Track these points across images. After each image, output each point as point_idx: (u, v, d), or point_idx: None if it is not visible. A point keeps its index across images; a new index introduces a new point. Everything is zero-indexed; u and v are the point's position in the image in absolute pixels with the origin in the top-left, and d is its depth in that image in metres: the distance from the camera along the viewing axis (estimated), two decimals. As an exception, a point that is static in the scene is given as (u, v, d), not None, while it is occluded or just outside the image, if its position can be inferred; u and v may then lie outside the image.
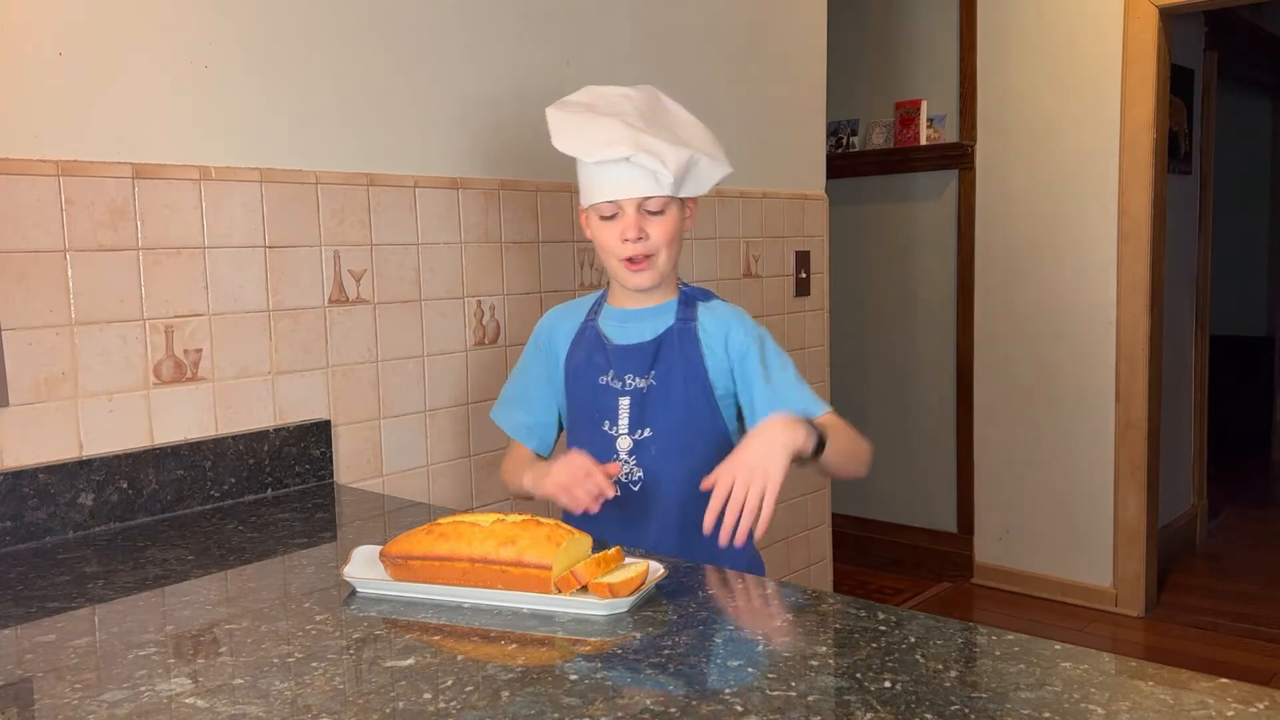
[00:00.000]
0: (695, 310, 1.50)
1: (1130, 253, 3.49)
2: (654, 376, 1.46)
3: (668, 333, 1.48)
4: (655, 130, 1.41)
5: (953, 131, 3.86)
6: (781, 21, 2.69)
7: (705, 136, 1.47)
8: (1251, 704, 0.80)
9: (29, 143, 1.39)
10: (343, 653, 0.97)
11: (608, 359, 1.49)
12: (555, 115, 1.44)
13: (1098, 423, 3.60)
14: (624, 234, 1.41)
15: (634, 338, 1.49)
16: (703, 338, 1.48)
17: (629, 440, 1.47)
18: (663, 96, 1.50)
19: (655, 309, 1.50)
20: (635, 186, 1.39)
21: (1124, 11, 3.42)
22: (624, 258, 1.43)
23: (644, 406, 1.46)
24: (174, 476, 1.52)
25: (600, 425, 1.49)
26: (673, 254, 1.46)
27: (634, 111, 1.43)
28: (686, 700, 0.85)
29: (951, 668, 0.91)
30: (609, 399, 1.48)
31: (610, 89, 1.48)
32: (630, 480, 1.47)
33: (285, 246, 1.66)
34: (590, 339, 1.52)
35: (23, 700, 0.90)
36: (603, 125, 1.39)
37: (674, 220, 1.44)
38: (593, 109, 1.44)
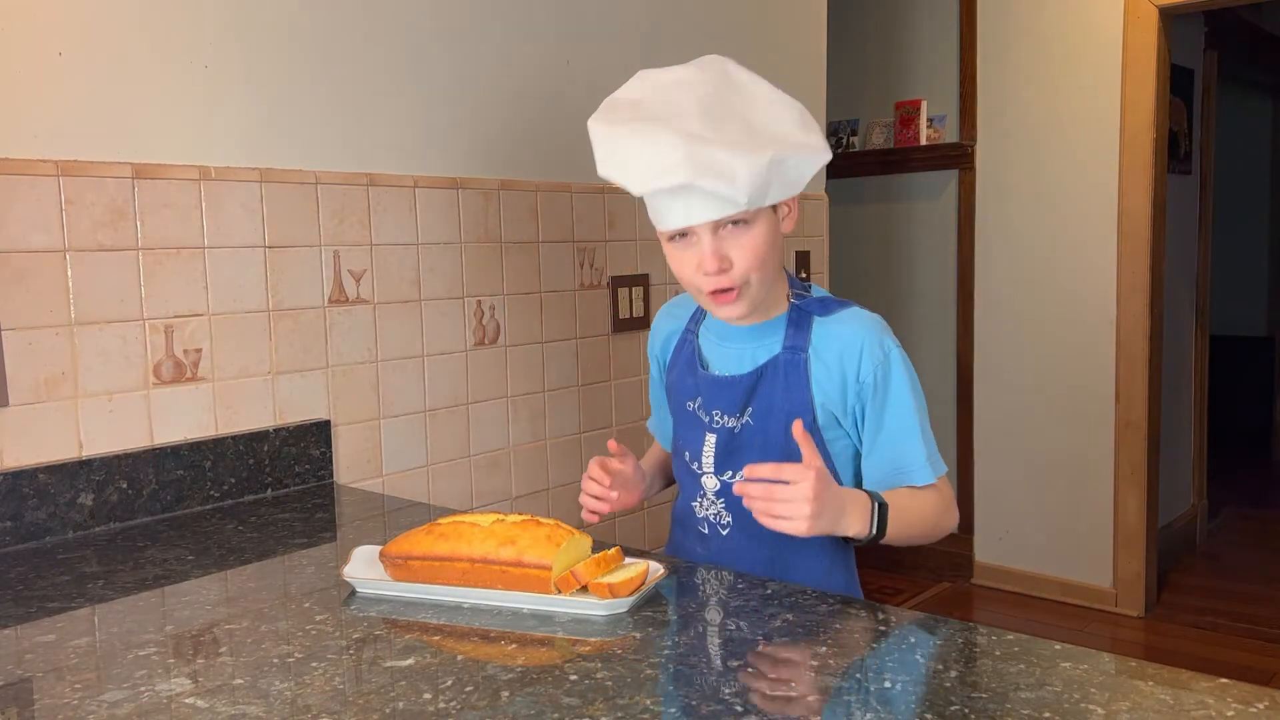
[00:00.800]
0: (809, 333, 1.24)
1: (1130, 253, 3.49)
2: (750, 415, 1.25)
3: (771, 364, 1.25)
4: (722, 129, 1.13)
5: (953, 131, 3.85)
6: (782, 22, 2.69)
7: (793, 118, 1.19)
8: (1251, 704, 0.80)
9: (29, 143, 1.39)
10: (343, 653, 0.97)
11: (697, 385, 1.29)
12: (598, 131, 1.17)
13: (1098, 423, 3.60)
14: (701, 266, 1.17)
15: (729, 367, 1.28)
16: (814, 371, 1.23)
17: (715, 480, 1.28)
18: (732, 70, 1.21)
19: (759, 328, 1.26)
20: (705, 210, 1.14)
21: (1124, 12, 3.42)
22: (706, 291, 1.19)
23: (732, 448, 1.26)
24: (174, 476, 1.52)
25: (685, 457, 1.31)
26: (767, 274, 1.20)
27: (695, 108, 1.14)
28: (686, 700, 0.85)
29: (951, 668, 0.91)
30: (695, 432, 1.29)
31: (667, 75, 1.19)
32: (719, 523, 1.30)
33: (285, 246, 1.66)
34: (688, 355, 1.33)
35: (23, 700, 0.90)
36: (653, 143, 1.12)
37: (764, 233, 1.18)
38: (642, 113, 1.15)
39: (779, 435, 1.23)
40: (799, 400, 1.23)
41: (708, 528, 1.31)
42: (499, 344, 2.00)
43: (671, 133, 1.11)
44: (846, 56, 4.01)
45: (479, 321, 1.97)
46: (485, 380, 1.98)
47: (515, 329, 2.03)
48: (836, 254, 3.56)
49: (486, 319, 1.98)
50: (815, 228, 2.80)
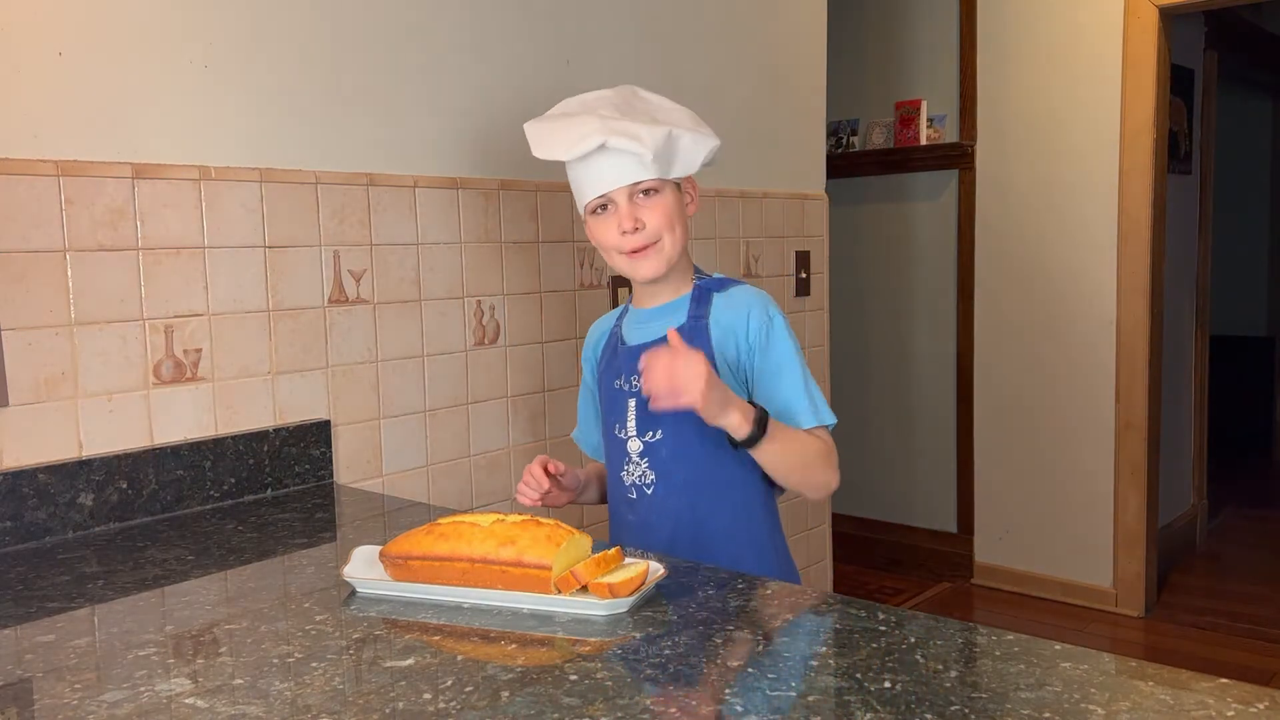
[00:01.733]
0: (709, 305, 1.44)
1: (1130, 253, 3.49)
2: None
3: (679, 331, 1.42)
4: (629, 115, 1.39)
5: (953, 131, 3.86)
6: (781, 21, 2.69)
7: (685, 115, 1.44)
8: (1251, 704, 0.80)
9: (29, 143, 1.39)
10: (343, 653, 0.97)
11: (620, 362, 1.47)
12: (532, 127, 1.44)
13: (1098, 423, 3.60)
14: (620, 226, 1.38)
15: (645, 337, 1.46)
16: (714, 334, 1.42)
17: (639, 443, 1.43)
18: (640, 91, 1.48)
19: (667, 306, 1.46)
20: (619, 175, 1.36)
21: (1124, 11, 3.42)
22: (625, 251, 1.40)
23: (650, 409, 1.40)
24: (174, 476, 1.52)
25: (613, 429, 1.46)
26: (677, 238, 1.41)
27: (608, 106, 1.41)
28: (686, 700, 0.85)
29: (951, 668, 0.91)
30: (620, 401, 1.45)
31: (584, 95, 1.48)
32: (644, 484, 1.44)
33: (285, 246, 1.66)
34: (612, 344, 1.51)
35: (23, 700, 0.90)
36: (575, 124, 1.38)
37: (670, 201, 1.40)
38: (567, 114, 1.43)
39: None
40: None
41: (635, 492, 1.45)
42: (499, 344, 2.00)
43: (590, 116, 1.39)
44: (846, 56, 4.01)
45: (479, 321, 1.97)
46: (485, 380, 1.98)
47: (515, 329, 2.03)
48: (836, 254, 3.56)
49: (486, 319, 1.98)
50: (815, 228, 2.80)
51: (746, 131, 2.58)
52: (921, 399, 4.06)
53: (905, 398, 4.11)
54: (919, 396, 4.07)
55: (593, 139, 1.34)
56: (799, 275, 2.74)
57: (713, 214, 2.46)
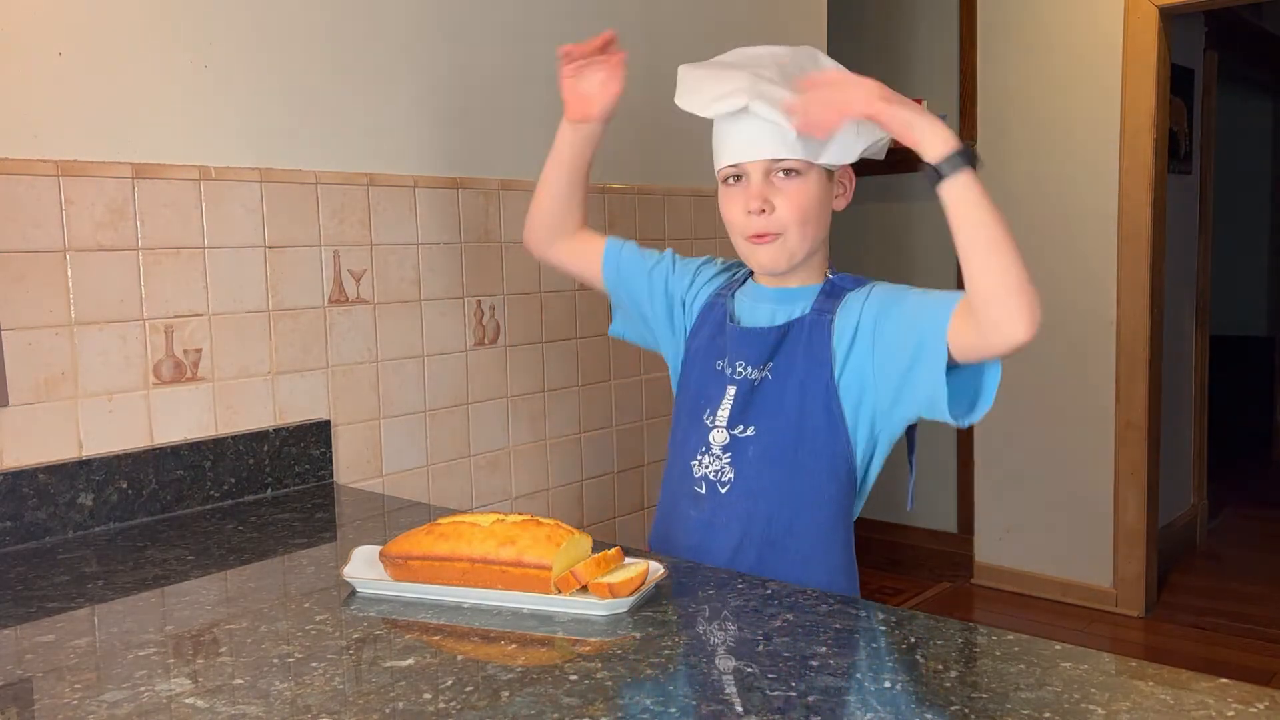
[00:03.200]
0: (839, 302, 1.26)
1: (1130, 253, 3.49)
2: (770, 370, 1.26)
3: (798, 323, 1.26)
4: (791, 83, 1.19)
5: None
6: (781, 22, 2.69)
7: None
8: (1251, 704, 0.80)
9: (29, 143, 1.39)
10: (343, 653, 0.97)
11: (725, 341, 1.31)
12: (685, 71, 1.27)
13: (1098, 423, 3.60)
14: (747, 205, 1.21)
15: (759, 320, 1.29)
16: (836, 331, 1.24)
17: (725, 434, 1.27)
18: (822, 56, 1.30)
19: (793, 291, 1.29)
20: (757, 146, 1.19)
21: (1124, 11, 3.42)
22: (748, 235, 1.23)
23: (750, 401, 1.26)
24: (174, 476, 1.52)
25: (702, 414, 1.30)
26: (809, 234, 1.23)
27: (774, 66, 1.22)
28: (686, 700, 0.85)
29: (951, 668, 0.91)
30: (717, 386, 1.29)
31: (761, 48, 1.29)
32: (719, 480, 1.28)
33: (285, 246, 1.66)
34: (717, 317, 1.34)
35: (23, 700, 0.90)
36: (726, 77, 1.20)
37: (811, 190, 1.22)
38: (726, 64, 1.26)
39: (795, 394, 1.24)
40: (819, 360, 1.24)
41: (705, 486, 1.29)
42: (499, 344, 2.00)
43: (743, 72, 1.21)
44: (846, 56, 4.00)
45: (479, 321, 1.97)
46: (485, 380, 1.98)
47: (515, 329, 2.03)
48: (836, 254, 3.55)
49: (486, 319, 1.98)
50: (815, 228, 2.80)
51: (746, 131, 2.58)
52: (921, 399, 4.05)
53: (905, 398, 4.10)
54: (919, 396, 4.06)
55: (736, 99, 1.17)
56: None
57: (713, 214, 2.46)
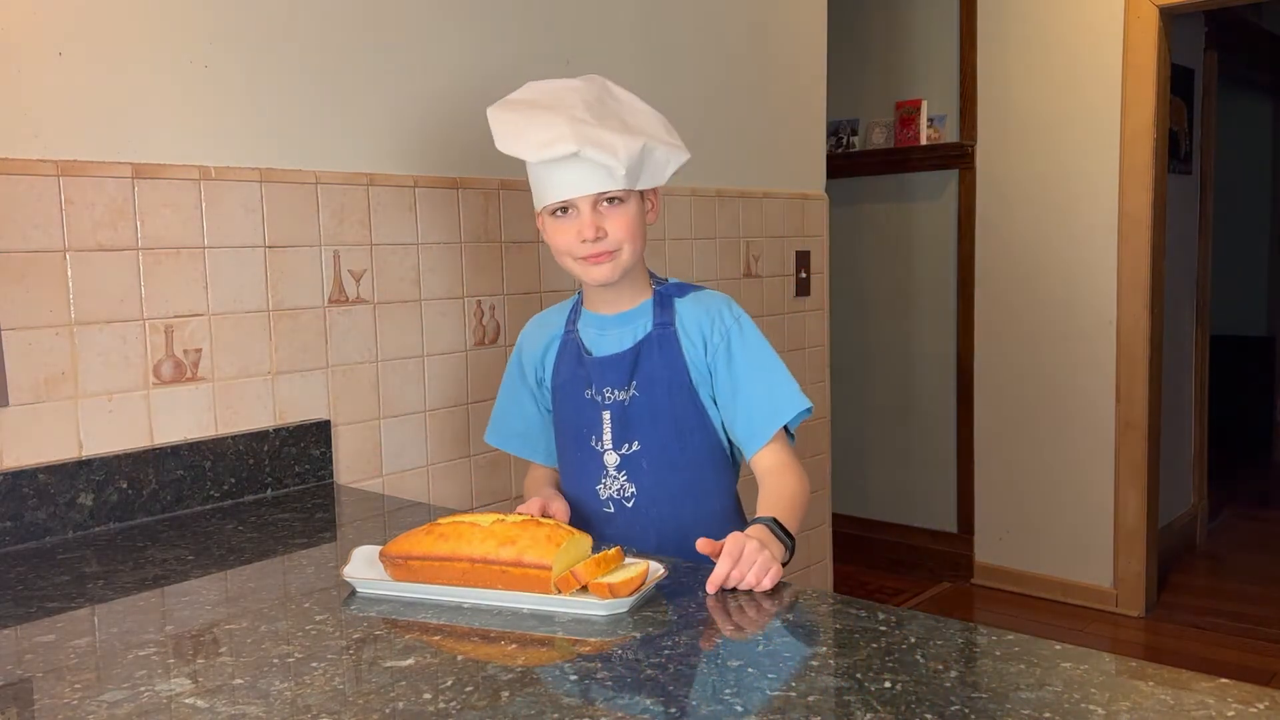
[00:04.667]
0: (673, 311, 1.42)
1: (1130, 253, 3.49)
2: (635, 388, 1.40)
3: (646, 340, 1.41)
4: (603, 121, 1.33)
5: (953, 131, 3.85)
6: (781, 21, 2.69)
7: (659, 123, 1.39)
8: (1251, 704, 0.80)
9: (29, 143, 1.39)
10: (343, 653, 0.97)
11: (587, 372, 1.43)
12: (496, 115, 1.37)
13: (1098, 423, 3.60)
14: (581, 234, 1.34)
15: (612, 347, 1.43)
16: (683, 340, 1.40)
17: (615, 455, 1.41)
18: (611, 85, 1.42)
19: (631, 313, 1.43)
20: (587, 183, 1.31)
21: (1124, 11, 3.42)
22: (581, 256, 1.36)
23: (626, 420, 1.40)
24: (174, 476, 1.52)
25: (588, 441, 1.43)
26: (636, 248, 1.38)
27: (580, 104, 1.35)
28: (686, 700, 0.85)
29: (951, 668, 0.91)
30: (593, 413, 1.42)
31: (554, 82, 1.41)
32: (623, 496, 1.42)
33: (285, 246, 1.66)
34: (572, 351, 1.46)
35: (23, 700, 0.90)
36: (545, 123, 1.31)
37: (634, 211, 1.36)
38: (535, 105, 1.36)
39: (664, 403, 1.39)
40: (676, 367, 1.40)
41: (613, 505, 1.42)
42: (499, 344, 2.00)
43: (561, 115, 1.32)
44: (846, 56, 4.01)
45: (479, 321, 1.97)
46: (485, 380, 1.98)
47: (515, 329, 2.02)
48: (836, 254, 3.56)
49: (486, 319, 1.98)
50: (815, 228, 2.80)
51: (747, 131, 2.58)
52: (921, 399, 4.06)
53: (905, 398, 4.10)
54: (919, 396, 4.07)
55: (565, 145, 1.28)
56: (799, 275, 2.74)
57: (713, 214, 2.46)
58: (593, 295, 1.45)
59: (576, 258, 1.36)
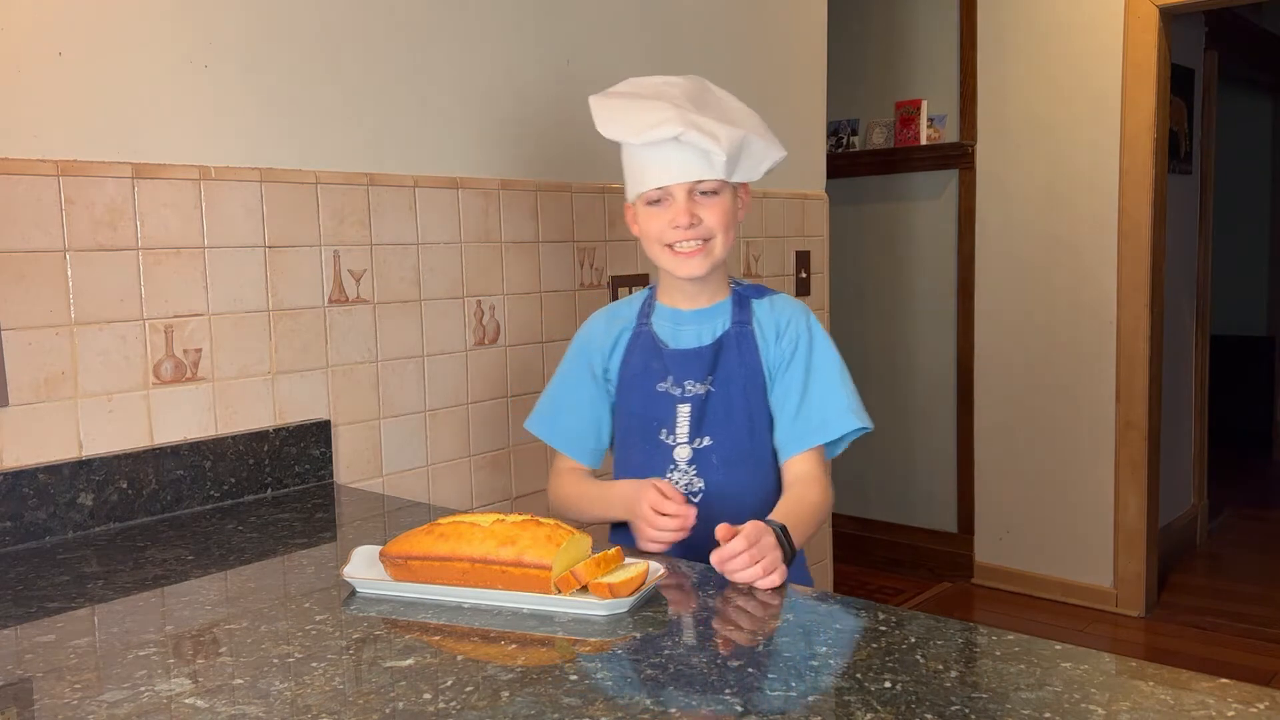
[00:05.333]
0: (750, 311, 1.43)
1: (1130, 253, 3.49)
2: (712, 382, 1.40)
3: (725, 336, 1.41)
4: (705, 111, 1.35)
5: (953, 131, 3.85)
6: (781, 21, 2.69)
7: (756, 121, 1.41)
8: (1251, 704, 0.80)
9: (29, 143, 1.39)
10: (343, 653, 0.97)
11: (665, 364, 1.42)
12: (599, 102, 1.38)
13: (1098, 423, 3.60)
14: (674, 220, 1.34)
15: (691, 341, 1.43)
16: (759, 341, 1.41)
17: (688, 449, 1.39)
18: (711, 85, 1.44)
19: (709, 310, 1.43)
20: (686, 170, 1.32)
21: (1124, 11, 3.43)
22: (669, 243, 1.36)
23: (703, 414, 1.39)
24: (174, 476, 1.52)
25: (657, 434, 1.42)
26: (728, 241, 1.38)
27: (681, 95, 1.37)
28: (686, 700, 0.85)
29: (951, 668, 0.91)
30: (667, 406, 1.41)
31: (654, 78, 1.42)
32: (690, 491, 1.40)
33: (285, 246, 1.66)
34: (645, 344, 1.45)
35: (23, 700, 0.90)
36: (649, 107, 1.33)
37: (728, 204, 1.37)
38: (637, 95, 1.38)
39: (740, 400, 1.40)
40: (752, 366, 1.41)
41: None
42: (499, 344, 2.00)
43: (663, 102, 1.34)
44: (846, 56, 4.01)
45: (479, 321, 1.97)
46: (485, 380, 1.98)
47: (515, 329, 2.03)
48: (836, 254, 3.56)
49: (486, 319, 1.98)
50: (815, 228, 2.80)
51: (746, 131, 2.58)
52: (921, 399, 4.06)
53: (905, 397, 4.10)
54: (919, 396, 4.07)
55: (669, 127, 1.30)
56: (799, 275, 2.74)
57: (713, 214, 2.46)
58: (672, 289, 1.45)
59: (666, 245, 1.37)
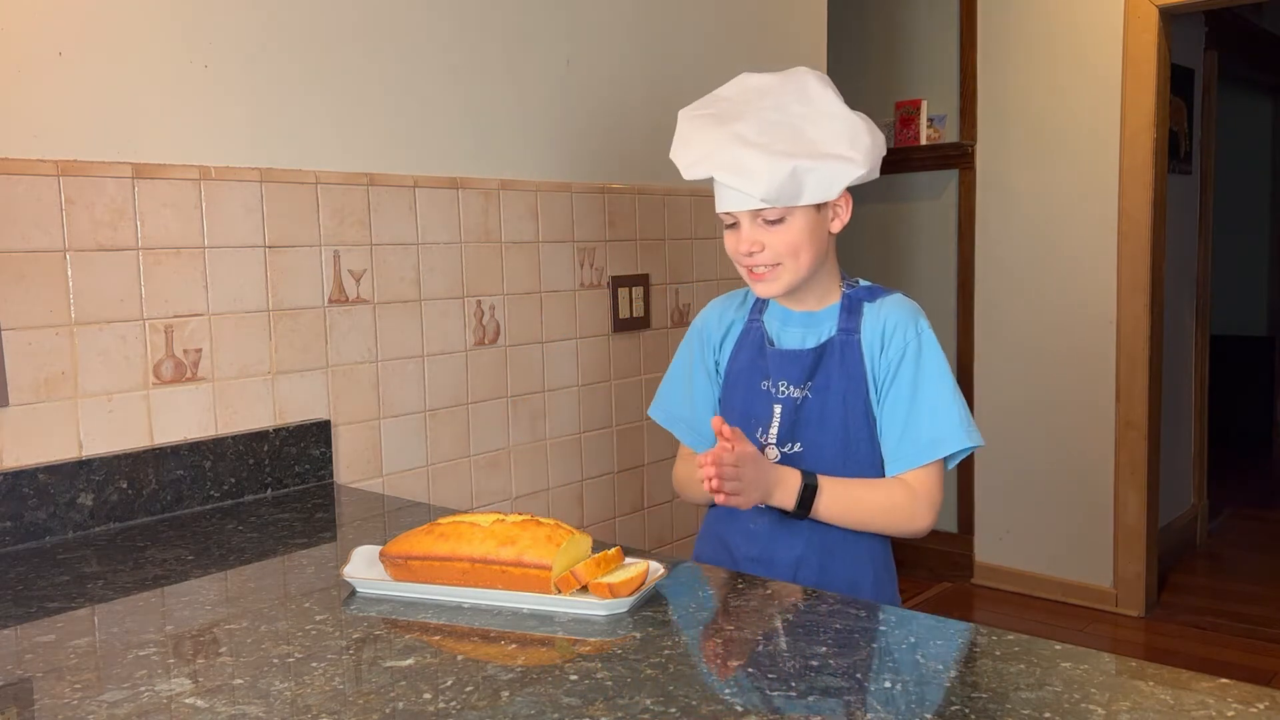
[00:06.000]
0: (860, 318, 1.39)
1: (1130, 253, 3.49)
2: (810, 388, 1.37)
3: (830, 343, 1.38)
4: (767, 135, 1.30)
5: (953, 131, 3.85)
6: (781, 21, 2.69)
7: (842, 133, 1.32)
8: (1251, 704, 0.80)
9: (29, 143, 1.39)
10: (343, 653, 0.97)
11: (767, 363, 1.41)
12: (680, 121, 1.38)
13: (1098, 423, 3.60)
14: (739, 246, 1.35)
15: (795, 342, 1.41)
16: (865, 349, 1.37)
17: (777, 452, 1.38)
18: (812, 85, 1.36)
19: (817, 314, 1.41)
20: (736, 200, 1.32)
21: (1124, 11, 3.42)
22: (745, 267, 1.37)
23: (796, 418, 1.37)
24: (174, 476, 1.52)
25: (754, 432, 1.40)
26: (804, 262, 1.34)
27: (756, 115, 1.32)
28: (686, 700, 0.85)
29: (951, 668, 0.91)
30: (765, 405, 1.40)
31: (758, 80, 1.38)
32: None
33: (285, 246, 1.66)
34: (754, 339, 1.44)
35: (23, 700, 0.90)
36: (704, 139, 1.32)
37: (798, 228, 1.32)
38: (718, 113, 1.35)
39: (837, 408, 1.36)
40: (854, 375, 1.37)
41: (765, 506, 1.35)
42: (499, 344, 2.00)
43: (724, 131, 1.31)
44: (846, 56, 4.01)
45: (479, 321, 1.97)
46: (485, 380, 1.98)
47: (515, 329, 2.03)
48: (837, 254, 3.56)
49: (486, 319, 1.98)
50: (815, 228, 2.80)
51: (746, 131, 2.58)
52: (921, 399, 4.05)
53: (905, 398, 4.10)
54: (919, 396, 4.06)
55: (703, 167, 1.31)
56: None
57: (713, 213, 2.46)
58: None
59: (742, 266, 1.38)
